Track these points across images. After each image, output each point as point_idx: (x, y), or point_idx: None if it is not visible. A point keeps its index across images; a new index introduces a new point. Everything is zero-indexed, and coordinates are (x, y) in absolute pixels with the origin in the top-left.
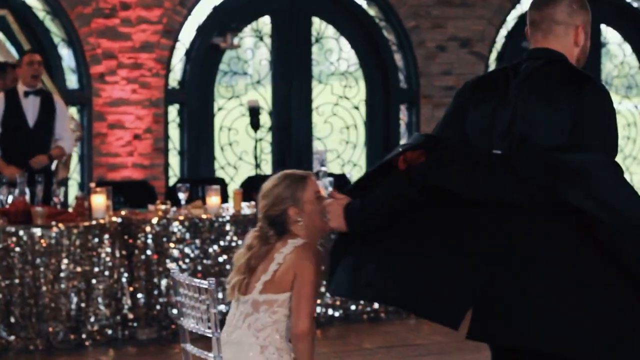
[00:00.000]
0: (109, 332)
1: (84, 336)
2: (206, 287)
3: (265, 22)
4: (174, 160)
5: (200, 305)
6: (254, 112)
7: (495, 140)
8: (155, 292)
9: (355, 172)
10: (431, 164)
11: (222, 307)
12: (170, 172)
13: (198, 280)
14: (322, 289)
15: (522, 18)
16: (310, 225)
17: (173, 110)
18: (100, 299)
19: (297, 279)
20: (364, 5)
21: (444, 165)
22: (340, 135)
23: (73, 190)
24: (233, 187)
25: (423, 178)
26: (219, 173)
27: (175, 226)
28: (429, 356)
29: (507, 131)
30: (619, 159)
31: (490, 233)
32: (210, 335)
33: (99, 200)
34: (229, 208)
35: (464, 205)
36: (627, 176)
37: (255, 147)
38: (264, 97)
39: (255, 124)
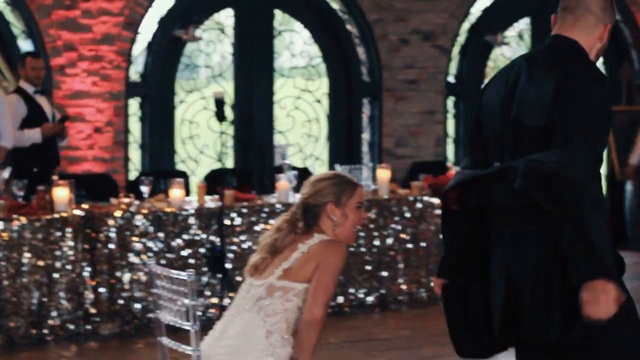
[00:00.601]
0: (71, 326)
1: (45, 331)
2: (185, 279)
3: (227, 15)
4: (135, 153)
5: (177, 297)
6: (219, 104)
7: (497, 129)
8: (118, 286)
9: (318, 166)
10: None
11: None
12: (131, 165)
13: (176, 272)
14: None
15: (485, 12)
16: (340, 230)
17: (134, 103)
18: (62, 294)
19: (319, 268)
20: None
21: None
22: (302, 129)
23: None
24: (194, 180)
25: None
26: (180, 166)
27: (139, 219)
28: (394, 350)
29: (506, 119)
30: None
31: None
32: (188, 328)
33: (62, 194)
34: (193, 201)
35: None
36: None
37: (219, 140)
38: (226, 90)
39: (220, 116)
